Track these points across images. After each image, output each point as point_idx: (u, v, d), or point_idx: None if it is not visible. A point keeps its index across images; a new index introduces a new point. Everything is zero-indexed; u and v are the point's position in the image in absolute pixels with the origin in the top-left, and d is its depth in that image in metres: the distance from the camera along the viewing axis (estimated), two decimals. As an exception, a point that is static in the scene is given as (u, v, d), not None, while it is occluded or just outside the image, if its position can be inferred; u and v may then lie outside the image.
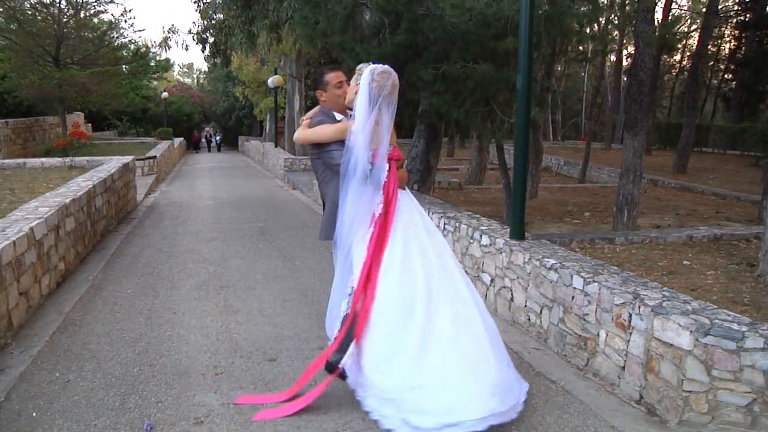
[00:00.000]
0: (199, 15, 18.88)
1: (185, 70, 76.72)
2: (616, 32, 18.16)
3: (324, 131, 3.34)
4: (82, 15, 20.87)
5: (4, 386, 3.31)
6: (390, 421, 2.82)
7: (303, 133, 3.41)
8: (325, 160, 3.38)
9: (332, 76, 3.46)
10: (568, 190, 13.30)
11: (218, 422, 2.93)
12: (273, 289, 5.25)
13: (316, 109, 3.57)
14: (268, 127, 32.37)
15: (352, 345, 3.02)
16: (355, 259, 3.18)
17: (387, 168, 3.24)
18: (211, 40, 19.08)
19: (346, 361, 3.02)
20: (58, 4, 19.61)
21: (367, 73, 3.25)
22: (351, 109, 3.40)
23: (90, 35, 21.47)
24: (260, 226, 8.44)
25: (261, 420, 2.95)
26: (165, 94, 37.01)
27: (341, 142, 3.24)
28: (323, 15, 7.09)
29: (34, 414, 3.00)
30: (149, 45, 24.65)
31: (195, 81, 69.81)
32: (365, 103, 3.19)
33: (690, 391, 2.80)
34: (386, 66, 3.28)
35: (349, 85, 3.41)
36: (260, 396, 3.20)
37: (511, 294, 4.42)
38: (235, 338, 4.05)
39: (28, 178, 9.10)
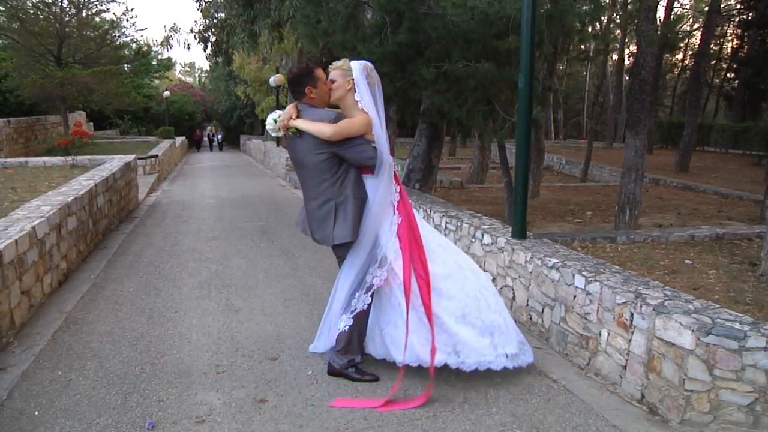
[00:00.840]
0: (200, 14, 18.89)
1: (187, 69, 76.76)
2: (618, 31, 18.11)
3: (357, 126, 3.25)
4: (84, 14, 20.90)
5: (6, 385, 3.31)
6: (496, 362, 3.30)
7: (338, 128, 3.20)
8: (352, 156, 3.27)
9: (322, 72, 3.37)
10: (570, 189, 13.29)
11: (219, 421, 2.94)
12: (274, 288, 5.25)
13: (295, 105, 3.37)
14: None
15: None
16: (390, 249, 3.29)
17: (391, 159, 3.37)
18: (212, 39, 19.08)
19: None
20: (59, 3, 19.64)
21: (360, 68, 3.30)
22: (337, 107, 3.44)
23: (92, 34, 21.49)
24: (262, 225, 8.44)
25: (387, 410, 3.03)
26: (167, 93, 36.97)
27: (362, 137, 3.28)
28: (325, 14, 7.09)
29: (36, 412, 3.01)
30: (151, 44, 24.74)
31: (196, 80, 69.82)
32: (370, 99, 3.28)
33: (692, 391, 2.79)
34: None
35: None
36: (355, 401, 3.16)
37: (513, 293, 4.42)
38: (236, 337, 4.06)
39: (30, 177, 9.11)
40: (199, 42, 18.91)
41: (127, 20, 22.40)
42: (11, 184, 8.26)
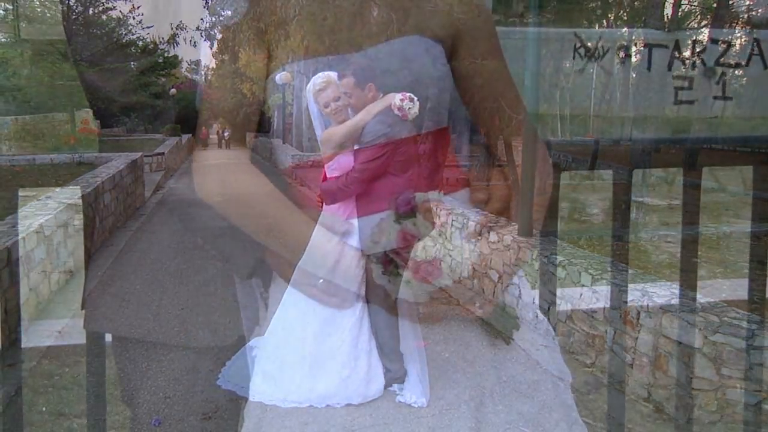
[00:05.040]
0: (207, 11, 18.89)
1: (193, 66, 76.96)
2: (625, 28, 18.01)
3: None
4: (90, 12, 20.95)
5: (14, 381, 3.33)
6: None
7: None
8: None
9: None
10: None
11: (226, 418, 2.94)
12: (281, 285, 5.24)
13: None
14: (275, 124, 32.40)
15: None
16: None
17: None
18: (219, 36, 19.04)
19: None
20: (66, 2, 19.70)
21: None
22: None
23: (98, 32, 21.54)
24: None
25: None
26: (173, 91, 37.05)
27: None
28: (331, 11, 7.08)
29: (44, 408, 3.02)
30: (157, 42, 24.75)
31: (203, 77, 69.92)
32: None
33: (699, 390, 2.78)
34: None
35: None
36: None
37: (519, 291, 4.40)
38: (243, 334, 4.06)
39: (38, 175, 9.15)
40: (205, 39, 18.93)
41: (134, 18, 22.47)
42: (19, 182, 8.30)
